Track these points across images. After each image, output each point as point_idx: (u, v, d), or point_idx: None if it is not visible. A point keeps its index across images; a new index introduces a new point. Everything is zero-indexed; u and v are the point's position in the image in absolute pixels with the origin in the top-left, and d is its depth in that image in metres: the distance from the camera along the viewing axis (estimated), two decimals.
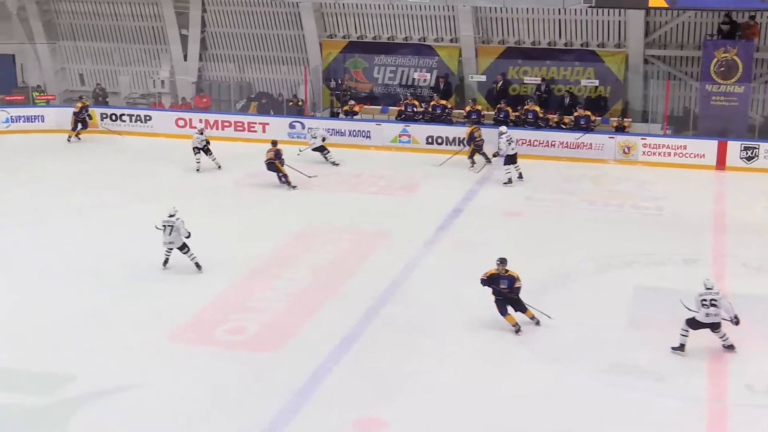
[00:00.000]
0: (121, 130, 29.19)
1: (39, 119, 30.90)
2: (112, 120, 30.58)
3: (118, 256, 19.15)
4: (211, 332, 15.60)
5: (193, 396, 13.46)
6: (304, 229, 21.01)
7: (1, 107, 30.92)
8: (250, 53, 32.58)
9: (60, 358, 14.51)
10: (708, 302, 14.45)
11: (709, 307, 14.44)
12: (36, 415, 12.85)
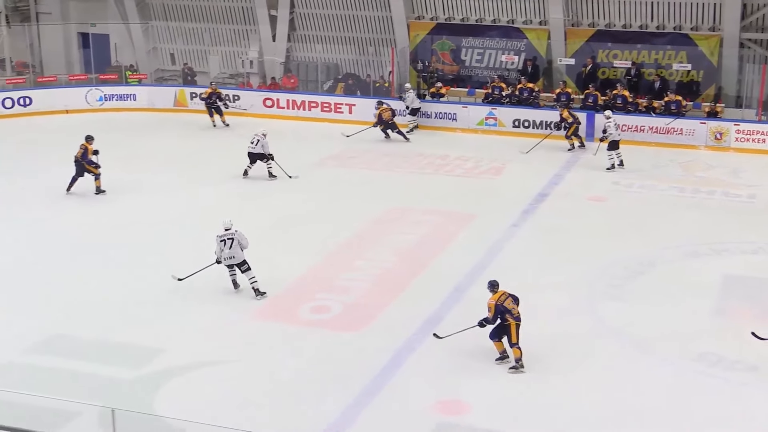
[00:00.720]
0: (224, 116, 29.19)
1: (131, 98, 31.58)
2: (201, 99, 31.04)
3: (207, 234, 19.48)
4: (295, 311, 15.81)
5: (276, 374, 13.67)
6: (389, 211, 21.11)
7: (95, 86, 31.65)
8: (338, 34, 32.72)
9: (149, 333, 14.87)
10: None
11: None
12: (125, 387, 13.20)
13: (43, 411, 11.64)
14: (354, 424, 12.27)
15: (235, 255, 16.04)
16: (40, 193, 22.12)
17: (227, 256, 16.03)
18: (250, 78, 33.02)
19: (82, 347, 14.45)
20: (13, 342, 14.51)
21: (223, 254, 16.05)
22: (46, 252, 18.45)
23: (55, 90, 31.54)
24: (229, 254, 16.02)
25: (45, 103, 30.56)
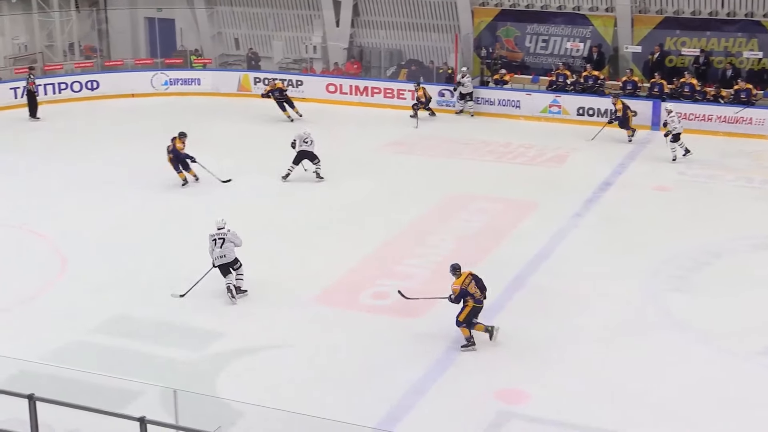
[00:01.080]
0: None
1: (195, 82, 31.88)
2: (265, 84, 31.23)
3: (270, 218, 19.66)
4: (355, 296, 15.85)
5: (335, 359, 13.73)
6: (451, 197, 21.05)
7: (161, 70, 32.01)
8: (402, 20, 32.64)
9: (211, 316, 15.03)
10: None
11: None
12: (187, 369, 13.36)
13: (107, 390, 11.82)
14: (412, 411, 12.26)
15: (226, 254, 15.54)
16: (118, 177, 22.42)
17: (218, 255, 15.54)
18: (313, 63, 33.13)
19: (145, 329, 14.66)
20: (81, 321, 14.78)
21: (214, 254, 15.59)
22: (119, 235, 18.71)
23: (121, 74, 31.96)
24: (220, 253, 15.53)
25: (111, 86, 30.98)
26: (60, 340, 14.14)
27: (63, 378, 12.11)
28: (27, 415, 8.70)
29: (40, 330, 14.54)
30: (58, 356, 13.37)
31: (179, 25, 34.81)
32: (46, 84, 30.14)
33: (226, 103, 30.32)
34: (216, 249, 15.57)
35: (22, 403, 8.74)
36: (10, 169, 23.11)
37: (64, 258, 17.48)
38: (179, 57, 33.55)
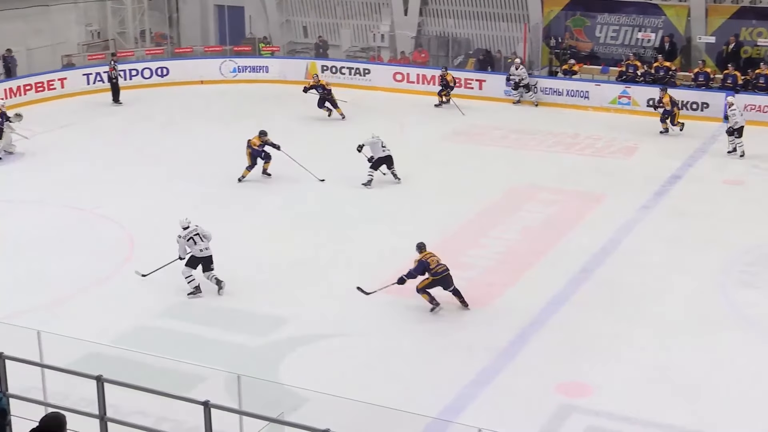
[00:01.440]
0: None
1: (263, 69, 32.13)
2: (332, 72, 31.38)
3: (333, 205, 19.76)
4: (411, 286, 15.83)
5: (397, 348, 13.77)
6: (516, 187, 20.95)
7: (229, 57, 32.31)
8: (470, 9, 32.50)
9: (275, 302, 15.18)
10: None
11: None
12: (251, 355, 13.52)
13: (173, 373, 12.02)
14: (474, 402, 12.26)
15: (209, 246, 15.59)
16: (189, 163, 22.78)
17: (203, 247, 15.52)
18: (380, 52, 33.16)
19: (210, 314, 14.86)
20: (148, 306, 15.05)
21: (198, 248, 15.49)
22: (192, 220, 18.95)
23: (190, 61, 32.33)
24: (204, 245, 15.54)
25: (181, 73, 31.36)
26: (128, 323, 14.42)
27: (130, 360, 12.34)
28: (95, 396, 8.88)
29: (109, 313, 14.83)
30: (126, 339, 13.63)
31: (248, 12, 35.08)
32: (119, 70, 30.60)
33: (293, 91, 30.41)
34: (200, 244, 15.51)
35: (90, 384, 8.92)
36: (85, 154, 23.54)
37: (133, 242, 17.78)
38: (248, 44, 33.83)
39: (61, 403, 9.51)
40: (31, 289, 15.77)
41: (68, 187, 20.86)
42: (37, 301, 15.17)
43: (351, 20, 34.29)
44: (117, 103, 28.81)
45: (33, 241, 17.81)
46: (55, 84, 29.54)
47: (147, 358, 12.08)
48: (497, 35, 32.39)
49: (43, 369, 10.44)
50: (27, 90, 28.71)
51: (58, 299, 15.38)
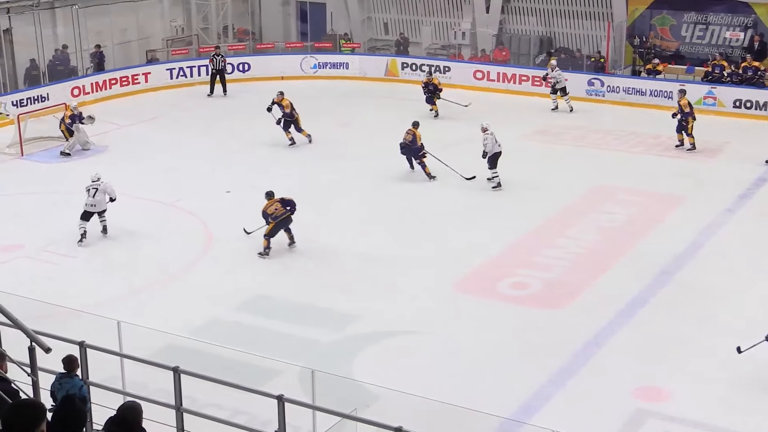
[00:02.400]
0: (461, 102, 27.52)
1: (344, 66, 32.30)
2: (412, 70, 31.42)
3: (410, 202, 19.81)
4: (494, 285, 15.84)
5: (471, 347, 13.76)
6: (596, 189, 20.74)
7: (310, 54, 32.56)
8: (553, 7, 32.22)
9: (349, 298, 15.29)
10: None
11: None
12: (325, 350, 13.65)
13: (248, 367, 12.18)
14: (548, 404, 12.21)
15: (96, 204, 17.67)
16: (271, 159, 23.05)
17: (90, 203, 17.64)
18: (461, 50, 33.08)
19: (286, 309, 15.04)
20: (225, 299, 15.29)
21: (87, 201, 17.67)
22: None
23: (272, 57, 32.65)
24: (92, 202, 17.63)
25: (262, 69, 31.69)
26: (205, 316, 14.68)
27: (206, 353, 12.54)
28: (172, 387, 9.05)
29: (187, 306, 15.10)
30: (203, 332, 13.87)
31: (330, 9, 35.28)
32: (200, 66, 31.12)
33: (373, 88, 30.61)
34: (89, 198, 17.69)
35: (167, 375, 9.10)
36: (167, 147, 23.94)
37: (211, 236, 18.06)
38: (329, 41, 34.03)
39: (139, 393, 9.71)
40: (111, 280, 16.16)
41: (149, 179, 21.27)
42: (117, 293, 15.54)
43: (432, 17, 34.25)
44: (212, 95, 29.59)
45: (114, 232, 18.19)
46: (140, 78, 30.14)
47: (223, 350, 12.28)
48: (580, 34, 32.05)
49: (122, 359, 10.69)
50: (113, 84, 29.39)
51: (138, 291, 15.72)
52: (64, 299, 13.91)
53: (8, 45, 27.96)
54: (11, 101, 26.27)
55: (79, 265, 16.83)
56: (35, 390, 7.69)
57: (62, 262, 16.93)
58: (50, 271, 16.56)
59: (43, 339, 7.65)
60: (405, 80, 31.13)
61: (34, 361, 7.67)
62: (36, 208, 19.75)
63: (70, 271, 16.61)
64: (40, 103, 26.51)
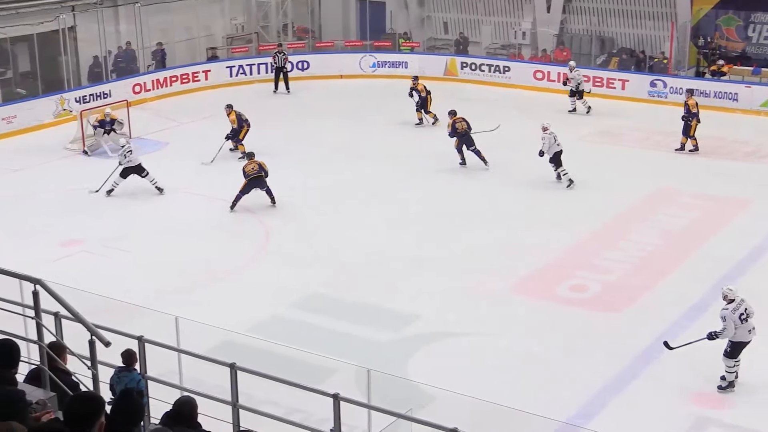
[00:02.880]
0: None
1: (402, 65, 32.28)
2: (471, 69, 31.31)
3: (469, 202, 19.73)
4: (553, 287, 15.72)
5: (529, 350, 13.67)
6: (657, 192, 20.48)
7: (369, 52, 32.60)
8: (616, 6, 31.85)
9: (408, 299, 15.27)
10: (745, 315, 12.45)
11: (747, 319, 12.43)
12: (381, 349, 13.65)
13: (304, 365, 12.22)
14: (605, 409, 12.09)
15: (132, 160, 20.16)
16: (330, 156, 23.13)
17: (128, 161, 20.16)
18: (521, 49, 32.88)
19: (343, 307, 15.07)
20: (282, 296, 15.37)
21: (124, 162, 20.17)
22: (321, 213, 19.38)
23: (331, 55, 32.76)
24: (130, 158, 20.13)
25: (321, 67, 31.81)
26: (263, 312, 14.76)
27: (263, 350, 12.62)
28: (229, 383, 9.10)
29: (245, 302, 15.21)
30: (260, 329, 13.95)
31: (389, 8, 35.28)
32: (259, 63, 31.32)
33: (432, 87, 30.45)
34: (125, 160, 20.16)
35: (224, 371, 9.15)
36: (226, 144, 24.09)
37: (268, 232, 18.16)
38: (388, 40, 34.03)
39: (196, 388, 9.76)
40: (170, 275, 16.31)
41: (208, 176, 21.44)
42: (176, 288, 15.69)
43: (492, 17, 34.08)
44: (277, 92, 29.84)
45: (173, 228, 18.42)
46: (200, 76, 30.44)
47: (280, 348, 12.33)
48: (643, 34, 31.67)
49: (179, 354, 10.78)
50: (173, 81, 29.73)
51: (196, 287, 15.85)
52: (123, 294, 14.07)
53: (72, 42, 28.41)
54: (74, 98, 26.69)
55: (138, 260, 17.03)
56: (95, 383, 7.79)
57: (122, 257, 17.15)
58: (110, 265, 16.78)
59: (103, 333, 7.74)
60: (464, 80, 31.03)
61: (94, 354, 7.77)
62: (96, 203, 20.02)
63: (129, 266, 16.82)
64: (102, 100, 26.91)
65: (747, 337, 12.39)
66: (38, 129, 25.20)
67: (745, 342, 12.39)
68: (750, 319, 12.36)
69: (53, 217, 19.09)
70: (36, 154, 23.33)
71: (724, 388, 12.50)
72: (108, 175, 20.35)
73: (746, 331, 12.34)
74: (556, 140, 20.69)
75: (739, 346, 12.43)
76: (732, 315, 12.29)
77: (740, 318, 12.30)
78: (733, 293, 12.44)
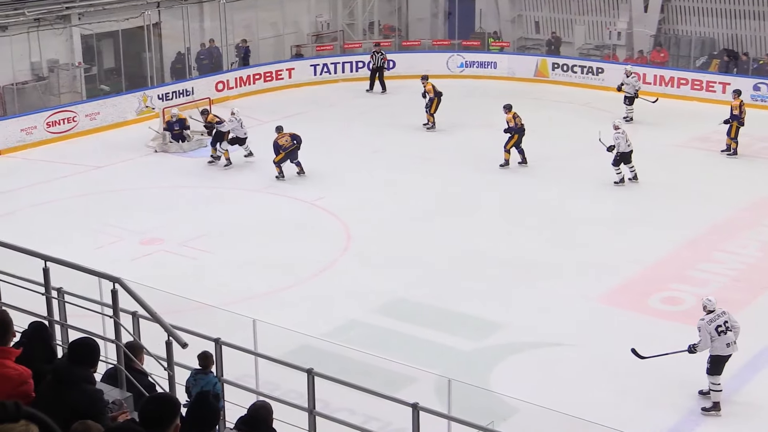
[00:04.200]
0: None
1: (491, 66, 32.15)
2: (563, 71, 31.04)
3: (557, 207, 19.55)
4: (644, 299, 15.48)
5: (617, 363, 13.45)
6: (759, 200, 20.03)
7: (457, 52, 32.54)
8: (718, 6, 31.24)
9: (490, 305, 15.18)
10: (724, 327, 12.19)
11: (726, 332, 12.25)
12: (463, 359, 13.60)
13: (383, 372, 12.25)
14: (698, 428, 11.92)
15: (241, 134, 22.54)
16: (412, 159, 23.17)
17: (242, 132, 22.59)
18: (616, 50, 32.47)
19: (425, 313, 15.05)
20: (363, 301, 15.43)
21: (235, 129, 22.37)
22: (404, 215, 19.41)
23: (417, 54, 32.78)
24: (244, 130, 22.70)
25: (407, 67, 31.82)
26: (342, 317, 14.83)
27: (341, 355, 12.67)
28: (305, 389, 9.15)
29: (324, 305, 15.30)
30: (339, 333, 14.02)
31: (479, 6, 35.18)
32: (344, 62, 31.52)
33: (522, 89, 30.28)
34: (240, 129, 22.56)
35: (301, 376, 9.21)
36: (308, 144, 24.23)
37: (350, 235, 18.25)
38: (477, 39, 33.94)
39: (272, 393, 9.87)
40: (248, 277, 16.50)
41: (289, 176, 21.61)
42: (254, 290, 15.86)
43: (586, 16, 33.73)
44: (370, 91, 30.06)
45: (253, 229, 18.63)
46: (283, 74, 30.76)
47: (358, 354, 12.38)
48: (746, 35, 31.00)
49: (256, 357, 10.88)
50: (256, 79, 30.09)
51: (275, 289, 16.01)
52: (201, 295, 14.28)
53: (156, 39, 28.95)
54: (157, 95, 27.21)
55: (217, 261, 17.26)
56: (171, 384, 7.91)
57: (201, 257, 17.40)
58: (188, 265, 17.05)
59: (180, 334, 7.85)
60: (555, 81, 30.78)
61: (171, 355, 7.89)
62: (177, 202, 20.40)
63: (207, 266, 17.07)
64: (185, 97, 27.37)
65: (725, 350, 12.28)
66: (121, 126, 25.78)
67: (723, 356, 12.28)
68: (730, 333, 12.26)
69: (134, 215, 19.48)
70: (118, 151, 23.85)
71: (708, 410, 12.29)
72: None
73: (724, 344, 12.25)
74: (627, 140, 20.66)
75: (719, 361, 12.32)
76: (708, 326, 12.24)
77: (717, 330, 12.23)
78: (712, 304, 12.40)
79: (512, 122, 22.04)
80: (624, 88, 26.59)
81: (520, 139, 22.07)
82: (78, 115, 25.48)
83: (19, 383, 5.93)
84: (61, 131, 25.07)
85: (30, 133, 24.48)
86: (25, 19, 25.62)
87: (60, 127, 25.07)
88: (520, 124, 22.07)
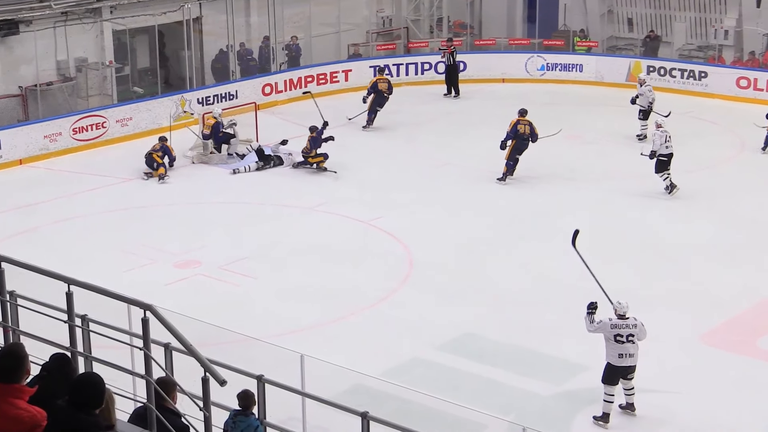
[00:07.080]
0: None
1: (577, 68, 31.97)
2: (660, 75, 30.77)
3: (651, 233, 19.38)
4: (753, 339, 15.28)
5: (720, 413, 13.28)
6: None
7: (537, 53, 32.42)
8: None
9: (571, 344, 15.02)
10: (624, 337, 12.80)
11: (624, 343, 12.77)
12: (541, 404, 13.52)
13: (447, 416, 12.20)
14: None
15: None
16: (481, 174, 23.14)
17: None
18: (722, 51, 32.15)
19: (498, 352, 14.98)
20: (427, 336, 15.39)
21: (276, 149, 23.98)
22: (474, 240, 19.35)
23: (492, 55, 32.74)
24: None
25: (480, 69, 31.78)
26: (402, 354, 14.80)
27: (401, 397, 12.65)
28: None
29: (382, 341, 15.28)
30: (398, 372, 13.98)
31: (564, 1, 35.05)
32: (408, 63, 31.54)
33: (612, 95, 30.07)
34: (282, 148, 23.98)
35: (355, 420, 9.21)
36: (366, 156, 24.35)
37: (412, 261, 18.23)
38: (560, 38, 33.82)
39: None
40: (296, 307, 16.52)
41: (344, 193, 21.69)
42: (303, 322, 15.89)
43: (688, 12, 33.44)
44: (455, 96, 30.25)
45: (302, 252, 18.67)
46: (339, 76, 30.84)
47: (420, 396, 12.34)
48: None
49: (303, 398, 10.89)
50: (308, 81, 30.12)
51: (326, 321, 16.03)
52: (242, 326, 14.34)
53: (197, 35, 29.13)
54: (197, 98, 27.38)
55: (261, 287, 17.34)
56: (207, 427, 7.94)
57: (242, 282, 17.49)
58: (228, 292, 17.13)
59: (218, 369, 7.87)
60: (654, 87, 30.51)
61: (207, 394, 7.92)
62: (216, 220, 20.48)
63: (250, 293, 17.15)
64: (227, 102, 27.53)
65: (616, 361, 12.78)
66: (156, 133, 25.79)
67: (617, 367, 12.79)
68: (629, 345, 12.74)
69: (168, 234, 19.66)
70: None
71: (598, 419, 12.90)
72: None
73: (616, 353, 12.76)
74: (667, 141, 20.74)
75: (614, 372, 12.85)
76: (605, 327, 12.87)
77: (615, 337, 12.76)
78: (622, 308, 12.97)
79: (510, 127, 22.08)
80: (638, 101, 25.96)
81: (518, 148, 22.02)
82: (108, 120, 25.81)
83: (30, 427, 5.93)
84: (89, 138, 25.43)
85: (54, 141, 24.85)
86: (51, 12, 25.93)
87: (88, 133, 25.43)
88: (522, 132, 21.94)
